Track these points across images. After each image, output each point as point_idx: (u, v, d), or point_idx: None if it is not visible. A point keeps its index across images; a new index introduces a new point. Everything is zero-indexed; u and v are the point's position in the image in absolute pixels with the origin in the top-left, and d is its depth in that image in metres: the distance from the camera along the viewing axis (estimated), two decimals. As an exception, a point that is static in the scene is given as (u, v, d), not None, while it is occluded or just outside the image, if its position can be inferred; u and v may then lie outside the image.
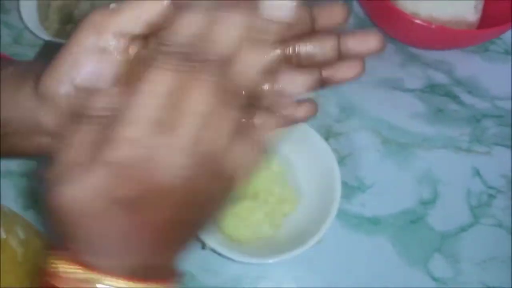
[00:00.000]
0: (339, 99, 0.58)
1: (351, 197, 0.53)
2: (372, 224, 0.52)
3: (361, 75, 0.29)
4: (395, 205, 0.53)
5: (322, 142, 0.49)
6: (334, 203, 0.46)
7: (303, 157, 0.51)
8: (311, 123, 0.55)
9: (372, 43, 0.28)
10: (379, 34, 0.28)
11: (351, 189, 0.53)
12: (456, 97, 0.60)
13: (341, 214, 0.51)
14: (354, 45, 0.28)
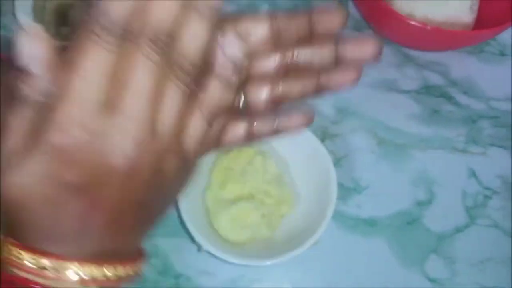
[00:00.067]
0: (335, 101, 0.58)
1: (347, 198, 0.53)
2: (368, 225, 0.52)
3: (357, 81, 0.29)
4: (391, 206, 0.53)
5: (318, 143, 0.49)
6: (330, 205, 0.46)
7: (299, 158, 0.51)
8: (307, 124, 0.55)
9: (369, 50, 0.28)
10: (376, 40, 0.28)
11: (347, 190, 0.54)
12: (451, 98, 0.60)
13: (337, 215, 0.51)
14: (351, 52, 0.28)
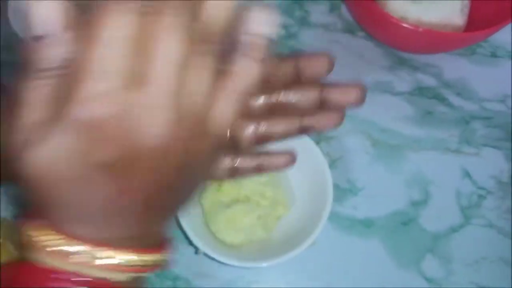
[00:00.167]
0: (330, 103, 0.58)
1: (343, 199, 0.53)
2: (364, 226, 0.52)
3: (341, 124, 0.29)
4: (387, 207, 0.54)
5: (313, 145, 0.50)
6: (326, 206, 0.46)
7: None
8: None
9: (352, 96, 0.28)
10: (361, 86, 0.28)
11: (342, 191, 0.54)
12: (444, 99, 0.61)
13: (333, 216, 0.51)
14: (335, 96, 0.28)
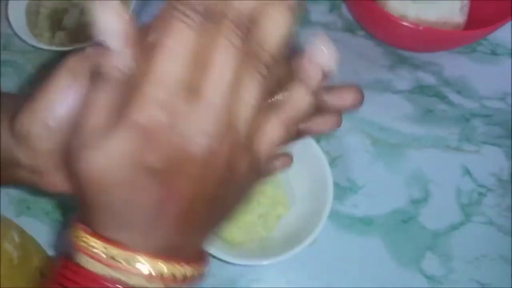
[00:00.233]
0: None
1: (343, 198, 0.53)
2: (364, 224, 0.52)
3: (337, 127, 0.29)
4: (387, 205, 0.54)
5: (313, 144, 0.50)
6: (326, 204, 0.47)
7: (295, 159, 0.51)
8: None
9: (349, 100, 0.28)
10: (358, 89, 0.28)
11: (343, 190, 0.54)
12: (445, 97, 0.61)
13: (334, 215, 0.51)
14: (332, 100, 0.28)
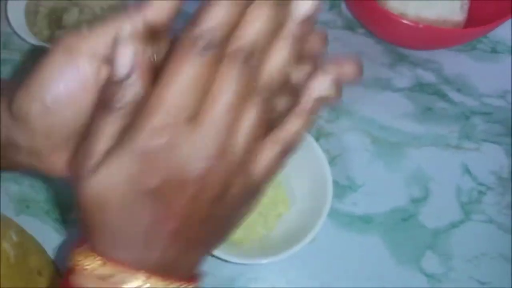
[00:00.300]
0: (329, 100, 0.58)
1: (343, 196, 0.53)
2: (364, 222, 0.52)
3: (338, 101, 0.29)
4: (387, 204, 0.54)
5: (312, 142, 0.50)
6: (326, 203, 0.46)
7: (294, 158, 0.51)
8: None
9: (348, 70, 0.27)
10: (356, 61, 0.27)
11: (342, 188, 0.54)
12: (444, 95, 0.61)
13: (333, 213, 0.51)
14: (331, 72, 0.28)
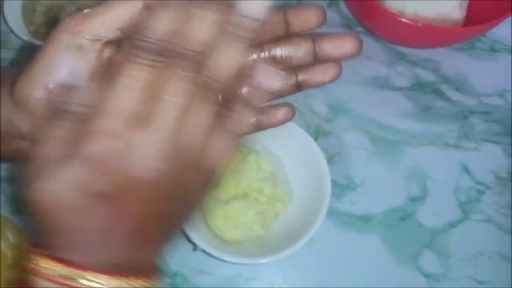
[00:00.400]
0: (327, 98, 0.58)
1: (341, 195, 0.53)
2: (362, 222, 0.52)
3: (337, 78, 0.29)
4: (385, 203, 0.53)
5: (311, 141, 0.49)
6: (324, 202, 0.46)
7: (292, 157, 0.51)
8: (300, 122, 0.55)
9: (347, 47, 0.28)
10: (356, 37, 0.28)
11: (340, 187, 0.54)
12: (443, 94, 0.61)
13: (332, 212, 0.51)
14: (329, 49, 0.28)
